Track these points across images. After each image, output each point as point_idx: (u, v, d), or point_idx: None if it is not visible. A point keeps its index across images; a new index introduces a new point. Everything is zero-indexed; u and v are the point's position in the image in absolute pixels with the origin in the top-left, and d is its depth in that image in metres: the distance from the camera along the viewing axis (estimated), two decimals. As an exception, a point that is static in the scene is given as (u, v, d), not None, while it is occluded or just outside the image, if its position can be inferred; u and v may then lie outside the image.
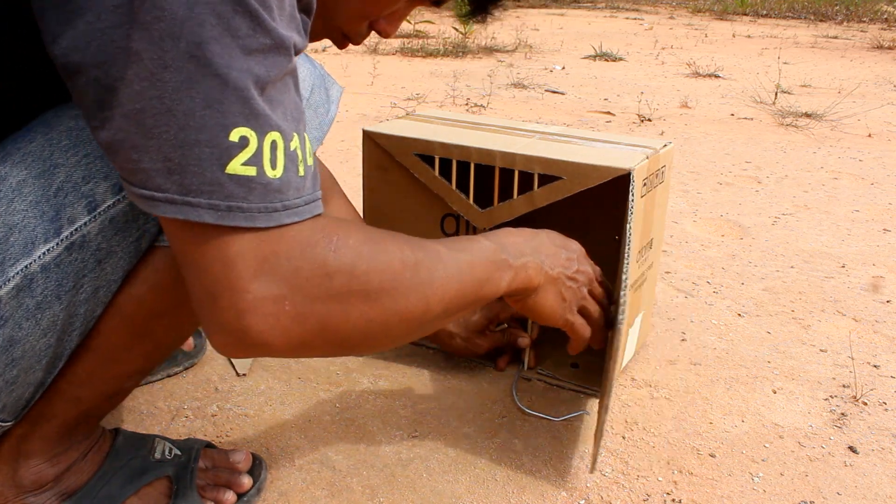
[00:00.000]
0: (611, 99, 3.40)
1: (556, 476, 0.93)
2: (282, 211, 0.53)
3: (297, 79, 0.56)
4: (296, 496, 0.88)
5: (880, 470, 0.96)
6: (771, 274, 1.56)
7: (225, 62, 0.49)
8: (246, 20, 0.49)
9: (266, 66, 0.51)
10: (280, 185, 0.52)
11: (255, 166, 0.51)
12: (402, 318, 0.60)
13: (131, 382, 0.76)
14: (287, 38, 0.52)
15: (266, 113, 0.51)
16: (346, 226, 0.59)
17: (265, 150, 0.51)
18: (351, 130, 2.67)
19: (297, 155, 0.54)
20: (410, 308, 0.61)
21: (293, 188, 0.53)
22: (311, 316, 0.55)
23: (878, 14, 7.73)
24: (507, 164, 1.03)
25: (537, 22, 6.81)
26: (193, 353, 1.11)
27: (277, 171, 0.52)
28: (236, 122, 0.50)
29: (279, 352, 0.56)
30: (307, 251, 0.54)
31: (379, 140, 1.11)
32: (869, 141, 2.77)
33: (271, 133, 0.51)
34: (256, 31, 0.50)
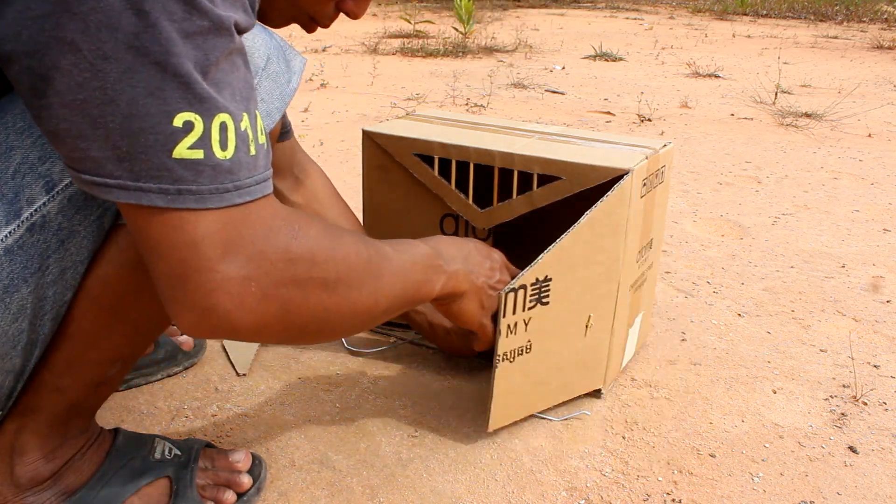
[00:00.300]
0: (611, 99, 3.41)
1: (556, 476, 0.93)
2: (233, 191, 0.54)
3: (245, 56, 0.56)
4: (296, 496, 0.88)
5: (880, 470, 0.96)
6: (771, 274, 1.56)
7: (163, 49, 0.50)
8: (180, 4, 0.50)
9: (206, 49, 0.52)
10: (231, 165, 0.54)
11: (202, 149, 0.52)
12: (354, 309, 0.64)
13: (115, 370, 0.75)
14: (226, 18, 0.53)
15: (211, 96, 0.52)
16: (307, 217, 0.61)
17: (213, 133, 0.52)
18: (351, 130, 2.67)
19: (248, 135, 0.55)
20: (363, 300, 0.64)
21: (245, 168, 0.55)
22: (274, 299, 0.57)
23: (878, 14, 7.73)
24: (507, 164, 1.03)
25: (537, 22, 6.81)
26: (193, 352, 1.12)
27: (228, 151, 0.53)
28: (179, 108, 0.51)
29: (243, 332, 0.57)
30: (271, 236, 0.56)
31: (379, 140, 1.11)
32: (869, 141, 2.77)
33: (219, 115, 0.53)
34: (192, 15, 0.51)
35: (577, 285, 0.97)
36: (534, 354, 0.96)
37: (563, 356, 1.00)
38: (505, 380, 0.94)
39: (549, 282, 0.93)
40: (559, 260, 0.93)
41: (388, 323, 1.24)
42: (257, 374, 1.13)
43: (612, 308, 1.02)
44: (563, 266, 0.94)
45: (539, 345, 0.96)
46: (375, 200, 1.16)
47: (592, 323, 1.00)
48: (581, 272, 0.97)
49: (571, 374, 1.03)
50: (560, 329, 0.98)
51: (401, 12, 6.62)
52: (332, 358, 1.18)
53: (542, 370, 0.99)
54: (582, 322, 1.00)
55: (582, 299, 0.99)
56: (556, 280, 0.94)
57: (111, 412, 1.02)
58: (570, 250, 0.94)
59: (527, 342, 0.94)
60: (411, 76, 3.84)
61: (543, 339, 0.96)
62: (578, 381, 1.05)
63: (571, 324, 0.99)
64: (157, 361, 1.07)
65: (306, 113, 2.94)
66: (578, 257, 0.95)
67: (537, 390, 1.00)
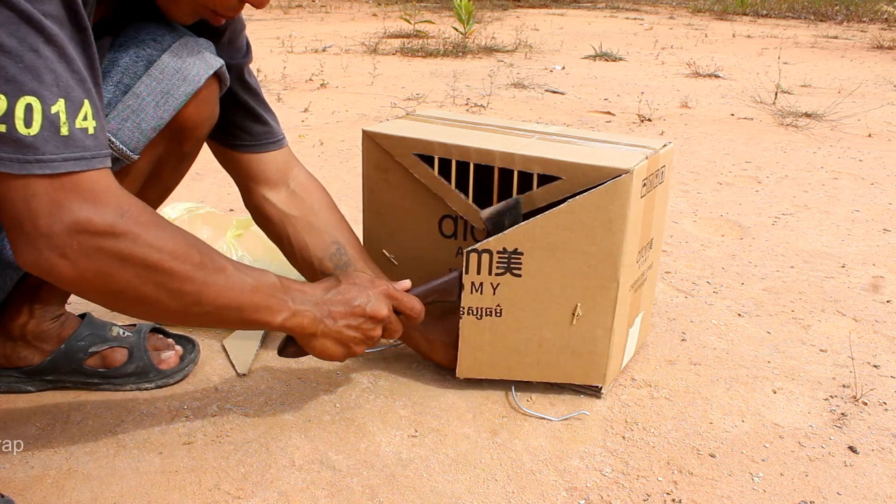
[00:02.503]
0: (611, 99, 3.41)
1: (556, 476, 0.93)
2: (33, 163, 0.63)
3: (82, 50, 0.66)
4: (296, 496, 0.88)
5: (880, 470, 0.96)
6: (771, 274, 1.56)
7: None
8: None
9: (18, 37, 0.61)
10: (33, 141, 0.63)
11: (4, 124, 0.62)
12: (173, 299, 0.73)
13: None
14: (32, 13, 0.61)
15: (17, 79, 0.62)
16: (143, 205, 0.71)
17: (17, 111, 0.62)
18: (351, 130, 2.67)
19: (60, 118, 0.64)
20: (183, 295, 0.73)
21: (51, 145, 0.64)
22: (93, 260, 0.67)
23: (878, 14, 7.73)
24: (507, 164, 1.03)
25: (537, 22, 6.81)
26: (170, 372, 1.09)
27: (32, 129, 0.63)
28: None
29: (64, 281, 0.68)
30: (99, 207, 0.67)
31: (379, 140, 1.11)
32: (869, 141, 2.77)
33: (25, 97, 0.62)
34: (1, 6, 0.60)
35: (558, 269, 1.01)
36: (505, 320, 1.05)
37: (545, 335, 1.06)
38: (471, 332, 1.06)
39: (521, 255, 1.01)
40: (532, 237, 1.00)
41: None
42: (257, 374, 1.13)
43: (612, 306, 1.02)
44: (537, 244, 1.01)
45: (511, 314, 1.05)
46: (375, 200, 1.16)
47: (580, 313, 1.02)
48: (562, 256, 1.00)
49: (557, 356, 1.06)
50: (537, 305, 1.04)
51: (401, 12, 6.62)
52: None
53: (517, 339, 1.06)
54: (567, 308, 1.03)
55: (565, 285, 1.02)
56: (528, 255, 1.01)
57: (111, 412, 1.02)
58: (544, 230, 1.00)
59: (496, 305, 1.04)
60: (411, 76, 3.84)
61: (516, 309, 1.04)
62: (569, 367, 1.07)
63: (553, 306, 1.04)
64: (127, 374, 1.07)
65: (306, 113, 2.94)
66: (557, 240, 1.00)
67: (514, 358, 1.08)
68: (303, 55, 4.43)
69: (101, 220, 0.67)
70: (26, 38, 0.62)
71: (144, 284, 0.71)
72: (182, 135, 0.94)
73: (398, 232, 1.16)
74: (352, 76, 3.77)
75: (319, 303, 0.89)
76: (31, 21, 0.62)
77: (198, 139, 0.98)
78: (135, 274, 0.70)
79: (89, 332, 1.06)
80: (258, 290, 0.81)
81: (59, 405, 1.03)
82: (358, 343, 0.93)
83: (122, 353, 1.07)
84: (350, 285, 0.93)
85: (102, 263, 0.68)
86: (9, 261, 0.88)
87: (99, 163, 0.68)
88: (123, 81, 0.86)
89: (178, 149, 0.96)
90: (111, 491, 0.88)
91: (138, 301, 0.73)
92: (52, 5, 0.63)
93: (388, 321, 0.94)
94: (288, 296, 0.85)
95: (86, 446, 0.95)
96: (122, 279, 0.69)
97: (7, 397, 1.04)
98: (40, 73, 0.62)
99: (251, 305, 0.80)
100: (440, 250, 1.14)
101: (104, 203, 0.67)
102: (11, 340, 1.04)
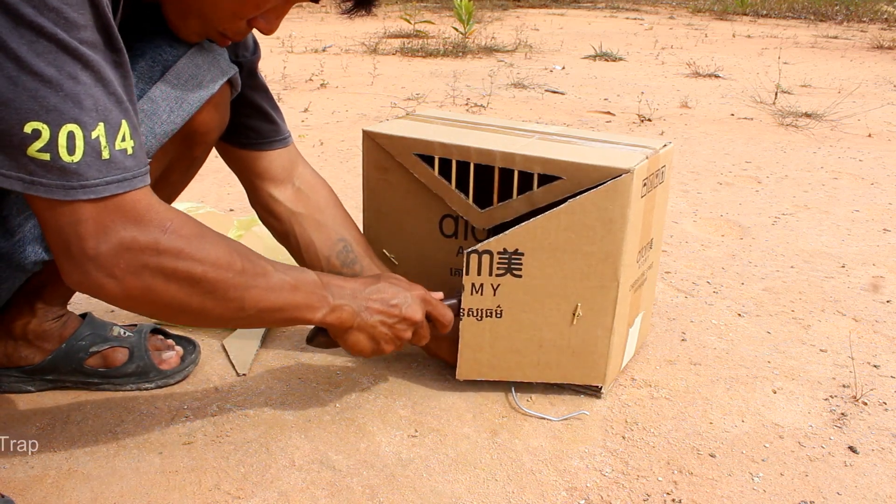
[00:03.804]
0: (611, 99, 3.41)
1: (556, 476, 0.93)
2: (78, 189, 0.65)
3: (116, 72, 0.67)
4: (296, 496, 0.88)
5: (880, 470, 0.96)
6: (771, 274, 1.56)
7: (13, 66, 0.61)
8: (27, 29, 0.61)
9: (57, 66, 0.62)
10: (77, 168, 0.64)
11: (48, 153, 0.63)
12: (218, 306, 0.75)
13: None
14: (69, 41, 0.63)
15: (59, 109, 0.63)
16: (188, 221, 0.73)
17: (60, 140, 0.63)
18: (351, 130, 2.67)
19: (101, 142, 0.65)
20: (227, 301, 0.75)
21: (94, 169, 0.65)
22: (139, 277, 0.69)
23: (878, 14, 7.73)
24: (507, 164, 1.03)
25: (537, 22, 6.81)
26: (170, 372, 1.09)
27: (76, 156, 0.64)
28: (28, 117, 0.62)
29: (112, 298, 0.70)
30: (142, 226, 0.69)
31: (379, 140, 1.11)
32: (869, 141, 2.77)
33: (67, 125, 0.63)
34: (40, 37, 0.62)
35: (558, 269, 1.01)
36: (505, 321, 1.04)
37: (545, 335, 1.05)
38: (471, 334, 1.05)
39: (521, 256, 1.01)
40: (532, 237, 1.00)
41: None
42: (257, 374, 1.13)
43: (612, 306, 1.02)
44: (538, 245, 1.01)
45: (512, 315, 1.04)
46: (375, 200, 1.16)
47: (581, 313, 1.02)
48: (562, 257, 1.00)
49: (558, 356, 1.06)
50: (537, 306, 1.04)
51: (401, 12, 6.62)
52: (332, 358, 1.18)
53: (517, 340, 1.06)
54: (567, 308, 1.03)
55: (566, 285, 1.02)
56: (528, 256, 1.01)
57: (111, 412, 1.02)
58: (545, 230, 1.00)
59: (496, 307, 1.04)
60: (411, 76, 3.84)
61: (517, 310, 1.04)
62: (570, 368, 1.07)
63: (553, 306, 1.03)
64: (127, 374, 1.07)
65: (306, 113, 2.94)
66: (558, 241, 1.00)
67: (514, 358, 1.07)
68: (303, 55, 4.43)
69: (145, 238, 0.69)
70: (65, 66, 0.63)
71: (190, 296, 0.73)
72: (193, 140, 0.95)
73: (398, 232, 1.16)
74: (352, 76, 3.77)
75: (358, 297, 0.90)
76: (68, 49, 0.63)
77: (208, 144, 0.99)
78: (180, 287, 0.72)
79: (90, 332, 1.06)
80: (298, 289, 0.82)
81: (59, 405, 1.03)
82: (388, 341, 0.93)
83: (122, 353, 1.07)
84: (389, 284, 0.94)
85: (149, 280, 0.70)
86: (19, 263, 0.89)
87: (140, 181, 0.69)
88: (139, 86, 0.86)
89: (189, 153, 0.97)
90: (111, 491, 0.88)
91: (185, 311, 0.75)
92: (89, 31, 0.65)
93: (420, 326, 0.96)
94: (327, 291, 0.86)
95: (86, 446, 0.95)
96: (169, 293, 0.72)
97: (7, 397, 1.04)
98: (80, 99, 0.64)
99: (292, 305, 0.82)
100: (440, 250, 1.14)
101: (147, 221, 0.69)
102: (13, 339, 1.04)
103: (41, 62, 0.62)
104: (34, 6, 0.61)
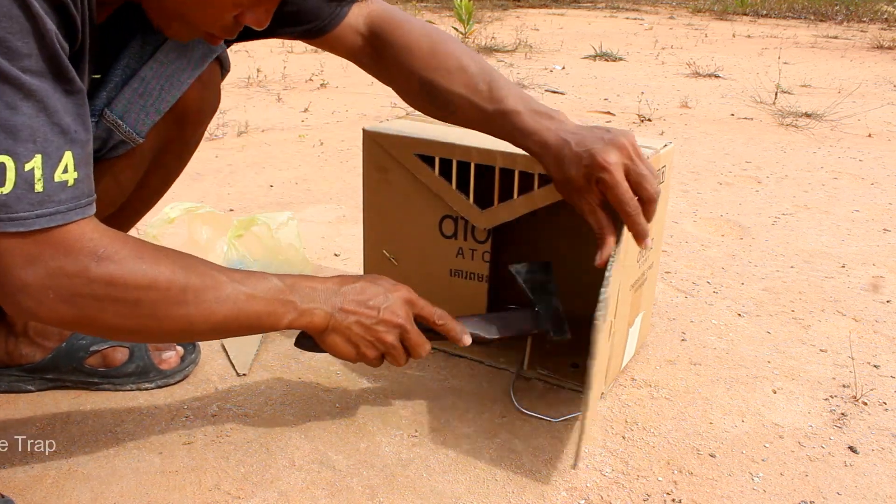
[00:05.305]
0: (611, 99, 3.40)
1: (556, 476, 0.93)
2: (6, 221, 0.64)
3: (61, 102, 0.65)
4: (296, 496, 0.88)
5: (880, 470, 0.96)
6: (771, 274, 1.56)
7: None
8: None
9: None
10: (6, 200, 0.63)
11: None
12: (163, 325, 0.73)
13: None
14: (9, 71, 0.61)
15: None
16: (122, 241, 0.71)
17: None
18: (351, 130, 2.67)
19: (35, 174, 0.64)
20: (171, 320, 0.73)
21: (24, 202, 0.64)
22: (71, 305, 0.69)
23: (878, 14, 7.73)
24: (508, 165, 1.03)
25: (537, 22, 6.81)
26: (170, 372, 1.09)
27: (5, 188, 0.63)
28: None
29: (50, 323, 0.71)
30: (71, 256, 0.67)
31: (379, 140, 1.11)
32: (869, 141, 2.77)
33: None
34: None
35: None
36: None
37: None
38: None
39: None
40: None
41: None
42: (257, 374, 1.13)
43: (612, 306, 1.02)
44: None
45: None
46: (375, 200, 1.16)
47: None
48: None
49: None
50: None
51: (401, 12, 6.61)
52: (332, 358, 1.18)
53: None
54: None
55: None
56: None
57: (110, 412, 1.02)
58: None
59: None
60: (411, 76, 3.83)
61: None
62: None
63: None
64: (128, 374, 1.07)
65: (306, 113, 2.94)
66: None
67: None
68: (303, 55, 4.43)
69: (74, 266, 0.68)
70: (2, 96, 0.61)
71: (128, 319, 0.72)
72: (185, 119, 0.95)
73: (398, 232, 1.16)
74: (352, 76, 3.76)
75: (332, 298, 0.85)
76: (8, 79, 0.61)
77: (199, 125, 0.99)
78: (116, 312, 0.71)
79: None
80: (255, 298, 0.79)
81: (59, 405, 1.03)
82: (368, 345, 0.87)
83: (122, 353, 1.07)
84: (369, 283, 0.88)
85: (81, 307, 0.69)
86: None
87: (75, 214, 0.68)
88: (130, 65, 0.87)
89: (181, 135, 0.97)
90: (111, 491, 0.88)
91: (130, 332, 0.74)
92: (33, 60, 0.63)
93: (404, 329, 0.88)
94: (294, 295, 0.82)
95: (86, 446, 0.95)
96: (105, 318, 0.71)
97: (7, 397, 1.04)
98: (16, 130, 0.62)
99: (249, 315, 0.79)
100: (440, 250, 1.14)
101: (77, 250, 0.68)
102: (14, 336, 1.04)
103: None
104: None
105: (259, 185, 2.03)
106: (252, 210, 1.81)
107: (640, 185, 0.85)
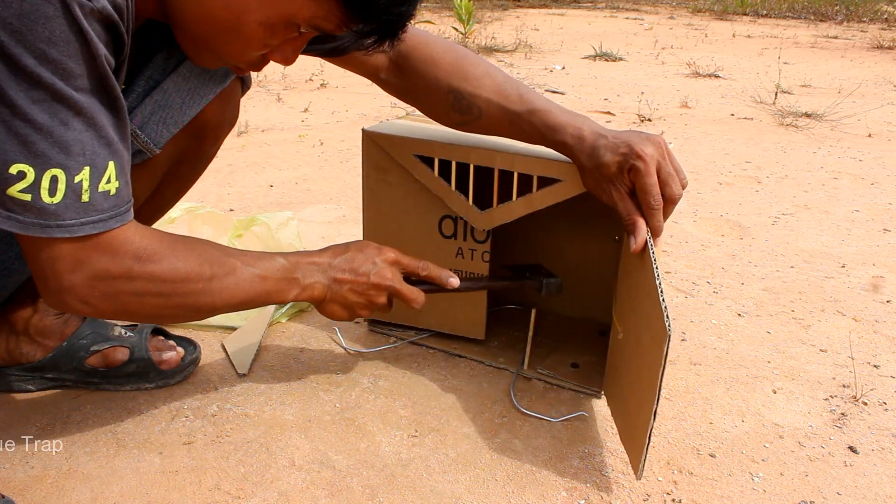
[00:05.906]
0: (611, 99, 3.40)
1: (556, 476, 0.93)
2: (54, 227, 0.69)
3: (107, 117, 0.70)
4: (296, 496, 0.88)
5: (880, 470, 0.96)
6: (771, 274, 1.56)
7: (7, 112, 0.64)
8: (25, 78, 0.64)
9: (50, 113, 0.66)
10: (56, 209, 0.69)
11: (30, 194, 0.67)
12: (191, 310, 0.82)
13: None
14: (64, 90, 0.66)
15: (46, 154, 0.66)
16: (158, 239, 0.78)
17: (43, 182, 0.67)
18: (351, 130, 2.67)
19: (83, 185, 0.69)
20: (199, 306, 0.82)
21: (72, 211, 0.70)
22: (113, 301, 0.76)
23: (878, 14, 7.73)
24: (507, 166, 1.03)
25: (537, 22, 6.81)
26: (170, 373, 1.09)
27: (56, 198, 0.68)
28: (15, 160, 0.66)
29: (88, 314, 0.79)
30: (116, 258, 0.74)
31: (379, 140, 1.11)
32: (869, 141, 2.77)
33: (51, 170, 0.67)
34: (36, 87, 0.65)
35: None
36: None
37: None
38: None
39: None
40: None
41: (388, 323, 1.24)
42: (257, 374, 1.13)
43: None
44: None
45: None
46: (375, 200, 1.16)
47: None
48: None
49: None
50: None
51: (401, 12, 6.60)
52: (332, 358, 1.18)
53: None
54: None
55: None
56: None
57: (111, 412, 1.02)
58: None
59: None
60: (411, 76, 3.83)
61: None
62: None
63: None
64: (128, 374, 1.07)
65: (306, 113, 2.94)
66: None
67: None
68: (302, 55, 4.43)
69: (118, 267, 0.74)
70: (58, 113, 0.66)
71: (164, 309, 0.80)
72: (203, 133, 0.97)
73: (398, 232, 1.16)
74: (351, 76, 3.76)
75: (328, 271, 0.93)
76: (63, 98, 0.66)
77: (217, 139, 1.01)
78: (153, 304, 0.78)
79: (91, 331, 1.06)
80: (267, 279, 0.87)
81: (59, 405, 1.03)
82: (362, 307, 0.96)
83: (123, 353, 1.07)
84: (357, 252, 0.96)
85: (123, 302, 0.76)
86: (12, 269, 0.90)
87: (116, 221, 0.73)
88: (153, 77, 0.89)
89: (199, 147, 1.00)
90: (111, 491, 0.88)
91: (159, 318, 0.83)
92: (85, 79, 0.68)
93: (393, 289, 0.96)
94: (297, 272, 0.90)
95: (86, 446, 0.95)
96: (142, 309, 0.78)
97: (7, 397, 1.05)
98: (69, 145, 0.68)
99: (262, 294, 0.87)
100: (440, 250, 1.14)
101: (121, 253, 0.74)
102: (14, 335, 1.04)
103: (35, 109, 0.65)
104: (36, 57, 0.64)
105: (259, 184, 2.03)
106: (252, 210, 1.81)
107: (666, 183, 0.91)
